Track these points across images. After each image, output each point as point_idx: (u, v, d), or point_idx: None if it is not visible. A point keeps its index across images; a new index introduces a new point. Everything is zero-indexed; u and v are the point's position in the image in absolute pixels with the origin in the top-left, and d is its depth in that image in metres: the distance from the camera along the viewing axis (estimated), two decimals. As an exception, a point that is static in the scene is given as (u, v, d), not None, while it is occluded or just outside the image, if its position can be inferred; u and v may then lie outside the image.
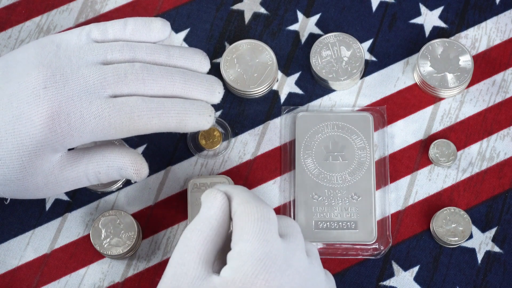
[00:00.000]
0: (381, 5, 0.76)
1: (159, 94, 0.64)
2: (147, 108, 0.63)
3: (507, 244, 0.70)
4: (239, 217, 0.57)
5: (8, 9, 0.77)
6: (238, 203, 0.58)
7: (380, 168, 0.72)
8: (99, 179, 0.65)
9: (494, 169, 0.72)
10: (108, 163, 0.65)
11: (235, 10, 0.77)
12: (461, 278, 0.69)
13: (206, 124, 0.65)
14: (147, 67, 0.64)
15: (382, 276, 0.69)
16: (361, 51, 0.74)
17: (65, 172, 0.64)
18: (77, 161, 0.65)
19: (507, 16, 0.76)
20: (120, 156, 0.65)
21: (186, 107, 0.64)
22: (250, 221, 0.57)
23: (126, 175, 0.65)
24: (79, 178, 0.65)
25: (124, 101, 0.63)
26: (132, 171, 0.65)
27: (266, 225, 0.57)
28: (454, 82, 0.72)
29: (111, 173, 0.65)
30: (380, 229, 0.70)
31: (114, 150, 0.65)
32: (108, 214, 0.69)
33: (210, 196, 0.59)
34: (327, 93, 0.74)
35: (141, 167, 0.65)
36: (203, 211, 0.59)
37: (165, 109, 0.63)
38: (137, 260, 0.70)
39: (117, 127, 0.63)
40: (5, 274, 0.70)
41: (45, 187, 0.64)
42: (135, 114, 0.63)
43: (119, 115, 0.62)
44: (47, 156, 0.63)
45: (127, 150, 0.66)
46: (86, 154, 0.65)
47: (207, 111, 0.65)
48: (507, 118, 0.73)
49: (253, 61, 0.74)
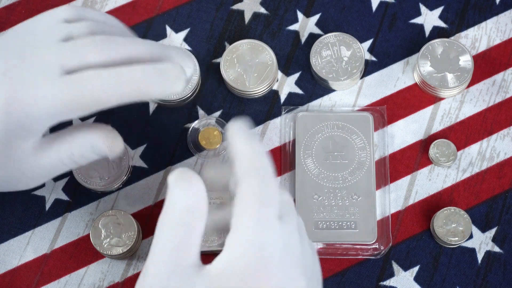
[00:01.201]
0: (381, 5, 0.76)
1: (120, 61, 0.61)
2: (100, 82, 0.59)
3: (507, 244, 0.70)
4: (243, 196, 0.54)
5: (8, 9, 0.77)
6: (243, 172, 0.55)
7: (380, 168, 0.72)
8: (74, 161, 0.63)
9: (494, 169, 0.72)
10: (79, 142, 0.63)
11: (235, 10, 0.77)
12: (461, 278, 0.69)
13: (173, 86, 0.60)
14: (109, 38, 0.61)
15: (382, 276, 0.69)
16: (361, 51, 0.74)
17: (39, 159, 0.63)
18: (49, 146, 0.63)
19: (507, 16, 0.76)
20: (90, 133, 0.63)
21: (146, 74, 0.60)
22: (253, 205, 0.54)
23: (100, 152, 0.63)
24: (54, 164, 0.63)
25: (77, 77, 0.60)
26: (104, 146, 0.63)
27: (269, 210, 0.54)
28: (454, 82, 0.72)
29: (84, 152, 0.63)
30: (380, 229, 0.70)
31: (83, 129, 0.64)
32: (108, 214, 0.69)
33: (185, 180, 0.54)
34: (327, 93, 0.74)
35: (113, 141, 0.63)
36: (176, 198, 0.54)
37: (122, 79, 0.60)
38: (137, 260, 0.70)
39: (70, 105, 0.60)
40: (5, 274, 0.70)
41: (23, 176, 0.63)
42: (87, 90, 0.59)
43: (71, 93, 0.60)
44: (15, 144, 0.61)
45: (97, 126, 0.64)
46: (57, 138, 0.63)
47: (174, 72, 0.60)
48: (507, 118, 0.73)
49: (253, 61, 0.74)
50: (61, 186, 0.72)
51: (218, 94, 0.74)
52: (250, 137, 0.56)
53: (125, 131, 0.73)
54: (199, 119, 0.73)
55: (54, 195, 0.72)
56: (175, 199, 0.54)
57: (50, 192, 0.72)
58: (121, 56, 0.61)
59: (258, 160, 0.55)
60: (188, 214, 0.53)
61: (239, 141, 0.56)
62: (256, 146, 0.56)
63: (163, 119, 0.74)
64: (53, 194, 0.72)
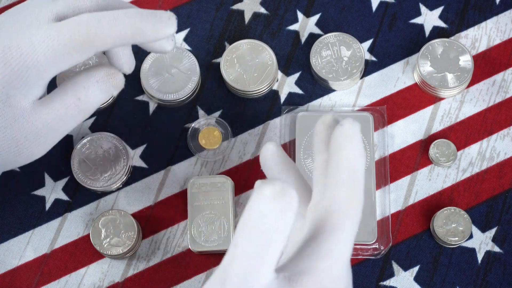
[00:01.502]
0: (381, 5, 0.76)
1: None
2: (95, 19, 0.60)
3: (507, 244, 0.70)
4: (335, 211, 0.53)
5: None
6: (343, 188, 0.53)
7: (380, 168, 0.72)
8: (81, 109, 0.62)
9: (494, 169, 0.72)
10: (84, 83, 0.63)
11: (235, 10, 0.77)
12: (461, 278, 0.69)
13: (166, 27, 0.61)
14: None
15: (382, 276, 0.69)
16: (361, 51, 0.74)
17: (42, 115, 0.62)
18: (52, 99, 0.62)
19: (507, 16, 0.76)
20: (92, 72, 0.63)
21: (139, 12, 0.60)
22: (349, 225, 0.53)
23: (105, 89, 0.63)
24: (60, 117, 0.62)
25: (72, 18, 0.60)
26: (109, 80, 0.63)
27: (356, 228, 0.54)
28: (454, 82, 0.72)
29: (90, 93, 0.62)
30: (380, 229, 0.70)
31: (84, 71, 0.63)
32: (108, 214, 0.69)
33: (285, 194, 0.49)
34: (327, 93, 0.74)
35: (115, 74, 0.63)
36: (274, 213, 0.49)
37: (115, 16, 0.60)
38: (137, 260, 0.70)
39: (67, 43, 0.60)
40: (5, 274, 0.70)
41: (26, 140, 0.62)
42: (83, 26, 0.59)
43: (67, 31, 0.60)
44: (15, 101, 0.61)
45: (96, 66, 0.64)
46: (58, 90, 0.63)
47: (166, 14, 0.61)
48: (507, 118, 0.73)
49: (253, 61, 0.74)
50: (61, 186, 0.72)
51: (218, 94, 0.74)
52: (362, 149, 0.54)
53: (125, 131, 0.73)
54: (199, 119, 0.73)
55: (54, 195, 0.72)
56: (265, 216, 0.49)
57: (50, 192, 0.72)
58: (113, 6, 0.61)
59: (360, 178, 0.54)
60: (275, 233, 0.49)
61: (353, 148, 0.54)
62: (363, 162, 0.54)
63: (163, 119, 0.74)
64: (53, 194, 0.72)
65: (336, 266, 0.53)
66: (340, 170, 0.54)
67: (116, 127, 0.73)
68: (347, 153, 0.54)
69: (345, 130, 0.54)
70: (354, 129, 0.54)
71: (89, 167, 0.71)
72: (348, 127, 0.54)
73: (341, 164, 0.54)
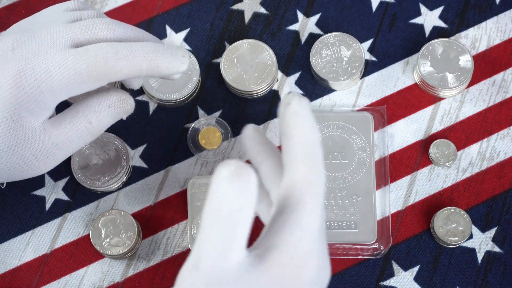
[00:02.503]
0: (381, 5, 0.76)
1: (128, 41, 0.63)
2: (113, 51, 0.61)
3: (507, 244, 0.70)
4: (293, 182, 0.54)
5: (8, 9, 0.77)
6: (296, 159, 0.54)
7: (380, 168, 0.72)
8: (90, 132, 0.63)
9: (494, 169, 0.72)
10: (95, 107, 0.63)
11: (235, 10, 0.77)
12: (461, 278, 0.69)
13: (179, 64, 0.63)
14: (118, 22, 0.63)
15: (382, 276, 0.69)
16: (361, 51, 0.74)
17: (52, 136, 0.63)
18: (62, 121, 0.63)
19: (507, 16, 0.76)
20: (104, 96, 0.64)
21: (156, 47, 0.62)
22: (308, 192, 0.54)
23: (116, 113, 0.64)
24: (70, 139, 0.63)
25: (89, 47, 0.61)
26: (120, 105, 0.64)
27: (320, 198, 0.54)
28: (454, 82, 0.72)
29: (101, 118, 0.63)
30: (380, 229, 0.70)
31: (95, 94, 0.64)
32: (108, 214, 0.69)
33: (242, 173, 0.50)
34: (327, 93, 0.74)
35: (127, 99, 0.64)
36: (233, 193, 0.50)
37: (133, 50, 0.61)
38: (137, 260, 0.70)
39: (83, 73, 0.61)
40: (5, 274, 0.70)
41: (34, 158, 0.63)
42: (100, 57, 0.60)
43: (84, 60, 0.60)
44: (26, 122, 0.61)
45: (107, 89, 0.64)
46: (69, 112, 0.63)
47: (180, 51, 0.63)
48: (507, 118, 0.73)
49: (253, 61, 0.74)
50: (61, 186, 0.72)
51: (218, 94, 0.74)
52: (313, 122, 0.55)
53: (125, 131, 0.73)
54: (199, 119, 0.73)
55: (54, 195, 0.72)
56: (228, 197, 0.50)
57: (50, 192, 0.72)
58: (129, 36, 0.62)
59: (316, 151, 0.55)
60: (241, 212, 0.51)
61: (302, 123, 0.55)
62: (317, 134, 0.55)
63: (163, 119, 0.74)
64: (53, 194, 0.72)
65: (305, 239, 0.53)
66: (294, 147, 0.55)
67: (116, 127, 0.73)
68: (298, 129, 0.55)
69: (292, 108, 0.55)
70: (301, 105, 0.55)
71: (89, 167, 0.71)
72: (295, 104, 0.55)
73: (294, 141, 0.55)
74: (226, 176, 0.49)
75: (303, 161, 0.54)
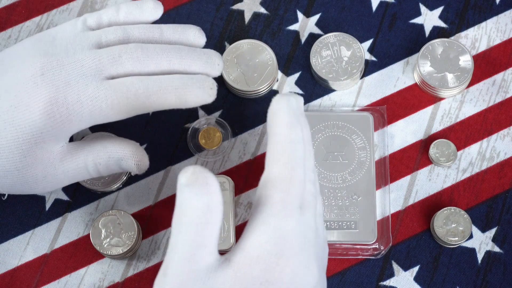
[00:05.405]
0: (381, 5, 0.76)
1: (156, 72, 0.63)
2: (143, 86, 0.62)
3: (507, 244, 0.70)
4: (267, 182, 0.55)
5: (8, 9, 0.77)
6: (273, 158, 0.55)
7: (380, 168, 0.72)
8: (99, 170, 0.65)
9: (494, 169, 0.72)
10: (109, 154, 0.65)
11: (235, 10, 0.77)
12: (461, 278, 0.69)
13: (207, 97, 0.63)
14: (141, 46, 0.64)
15: (382, 276, 0.69)
16: (361, 51, 0.74)
17: (65, 163, 0.64)
18: (78, 152, 0.64)
19: (507, 16, 0.76)
20: (121, 147, 0.65)
21: (184, 82, 0.63)
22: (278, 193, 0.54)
23: (127, 167, 0.65)
24: (79, 170, 0.65)
25: (121, 81, 0.62)
26: (133, 162, 0.65)
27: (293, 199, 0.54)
28: (454, 82, 0.72)
29: (111, 164, 0.65)
30: (380, 229, 0.70)
31: (115, 142, 0.65)
32: (108, 214, 0.69)
33: (198, 178, 0.51)
34: (327, 93, 0.74)
35: (142, 158, 0.65)
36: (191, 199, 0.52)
37: (163, 85, 0.62)
38: (137, 260, 0.70)
39: (115, 107, 0.62)
40: (5, 274, 0.70)
41: (44, 179, 0.64)
42: (132, 93, 0.62)
43: (116, 95, 0.62)
44: (47, 145, 0.63)
45: (128, 141, 0.66)
46: (86, 145, 0.65)
47: (208, 83, 0.63)
48: (507, 118, 0.73)
49: (253, 61, 0.74)
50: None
51: (218, 94, 0.74)
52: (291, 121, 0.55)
53: (125, 131, 0.73)
54: (199, 119, 0.73)
55: (54, 195, 0.72)
56: (189, 202, 0.52)
57: (50, 192, 0.72)
58: (156, 64, 0.63)
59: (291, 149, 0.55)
60: (205, 215, 0.52)
61: (279, 123, 0.56)
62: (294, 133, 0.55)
63: (163, 119, 0.74)
64: (53, 194, 0.72)
65: (273, 241, 0.53)
66: (271, 145, 0.55)
67: (116, 127, 0.73)
68: (276, 128, 0.55)
69: (272, 107, 0.56)
70: (280, 105, 0.55)
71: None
72: (274, 104, 0.56)
73: (272, 140, 0.55)
74: (184, 182, 0.51)
75: (278, 159, 0.55)
